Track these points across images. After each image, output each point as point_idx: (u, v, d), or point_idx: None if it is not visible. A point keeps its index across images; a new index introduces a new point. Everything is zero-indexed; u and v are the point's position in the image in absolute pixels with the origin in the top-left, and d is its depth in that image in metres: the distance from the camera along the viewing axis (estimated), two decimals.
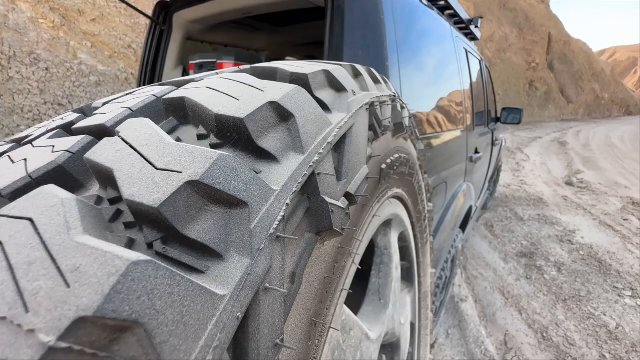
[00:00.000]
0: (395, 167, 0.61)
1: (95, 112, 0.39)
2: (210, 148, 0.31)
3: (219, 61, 1.68)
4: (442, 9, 1.71)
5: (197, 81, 0.41)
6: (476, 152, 2.09)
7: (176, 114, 0.37)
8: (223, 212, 0.27)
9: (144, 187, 0.25)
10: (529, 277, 2.73)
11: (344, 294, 0.45)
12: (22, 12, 5.05)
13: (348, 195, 0.40)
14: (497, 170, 4.04)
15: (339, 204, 0.37)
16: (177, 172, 0.26)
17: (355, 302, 0.68)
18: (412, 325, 0.84)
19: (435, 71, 1.49)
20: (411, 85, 1.16)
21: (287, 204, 0.31)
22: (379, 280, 0.63)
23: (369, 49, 0.97)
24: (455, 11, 1.85)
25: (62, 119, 0.40)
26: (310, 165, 0.34)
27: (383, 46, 0.98)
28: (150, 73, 1.78)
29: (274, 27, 2.37)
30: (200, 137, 0.34)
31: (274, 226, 0.29)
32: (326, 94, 0.42)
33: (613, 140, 11.56)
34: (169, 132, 0.35)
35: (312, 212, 0.34)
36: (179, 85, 0.42)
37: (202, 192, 0.26)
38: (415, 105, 1.21)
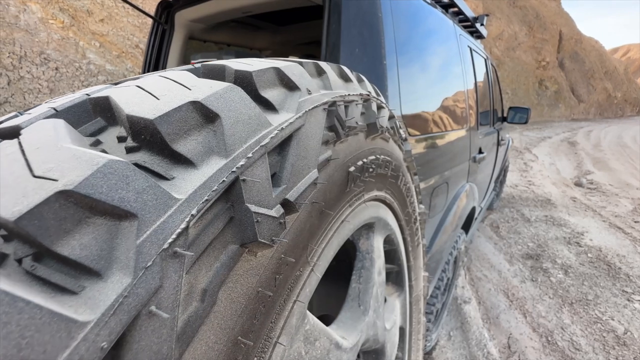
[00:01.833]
0: (370, 170, 0.59)
1: (25, 112, 0.38)
2: (126, 151, 0.30)
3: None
4: (445, 7, 1.69)
5: (136, 79, 0.39)
6: (480, 152, 2.06)
7: (104, 115, 0.35)
8: (109, 225, 0.25)
9: (10, 198, 0.23)
10: (534, 279, 2.69)
11: (300, 306, 0.43)
12: (33, 12, 5.15)
13: (286, 203, 0.37)
14: (504, 170, 3.98)
15: (271, 212, 0.34)
16: (53, 180, 0.24)
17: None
18: (402, 329, 0.83)
19: (437, 70, 1.47)
20: (410, 84, 1.15)
21: (192, 214, 0.28)
22: (359, 286, 0.61)
23: (365, 47, 0.96)
24: (459, 9, 1.82)
25: None
26: (233, 171, 0.31)
27: (380, 44, 0.97)
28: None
29: (276, 26, 2.37)
30: (121, 140, 0.32)
31: (170, 240, 0.26)
32: (275, 93, 0.40)
33: (625, 140, 11.30)
34: (94, 134, 0.34)
35: (236, 222, 0.32)
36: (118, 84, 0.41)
37: (80, 203, 0.24)
38: (415, 104, 1.20)
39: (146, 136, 0.29)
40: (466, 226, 2.07)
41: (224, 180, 0.30)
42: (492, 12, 18.99)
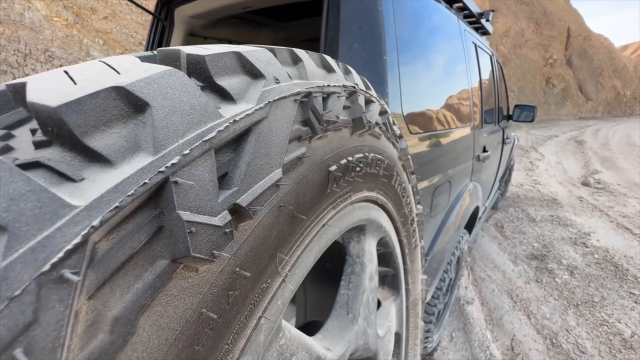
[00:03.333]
0: (357, 169, 0.54)
1: None
2: (35, 147, 0.26)
3: None
4: (449, 2, 1.65)
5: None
6: (484, 150, 2.02)
7: (25, 104, 0.30)
8: None
9: None
10: (539, 280, 2.64)
11: (266, 323, 0.38)
12: (37, 10, 5.18)
13: (237, 209, 0.31)
14: (509, 169, 3.92)
15: (212, 220, 0.28)
16: None
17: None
18: (398, 335, 0.80)
19: (440, 66, 1.43)
20: (412, 80, 1.12)
21: (92, 226, 0.22)
22: (348, 292, 0.57)
23: (365, 42, 0.93)
24: (464, 4, 1.78)
25: None
26: (161, 171, 0.25)
27: (381, 40, 0.94)
28: None
29: (278, 22, 2.35)
30: (34, 132, 0.27)
31: (54, 260, 0.20)
32: (234, 81, 0.35)
33: (634, 139, 11.10)
34: (11, 127, 0.30)
35: (166, 232, 0.26)
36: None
37: None
38: (417, 101, 1.17)
39: (54, 128, 0.24)
40: (469, 226, 2.03)
41: (145, 183, 0.25)
42: (498, 9, 18.76)
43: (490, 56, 2.50)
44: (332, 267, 0.66)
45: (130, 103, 0.27)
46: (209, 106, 0.31)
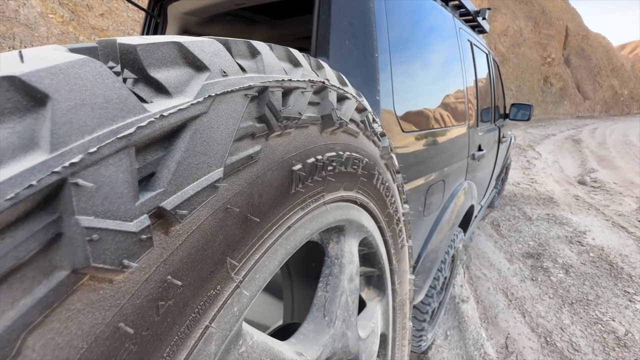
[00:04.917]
0: (329, 168, 0.52)
1: None
2: None
3: None
4: (445, 0, 1.64)
5: None
6: (480, 149, 2.02)
7: None
8: None
9: None
10: (534, 278, 2.65)
11: (218, 331, 0.36)
12: (33, 7, 5.13)
13: (161, 213, 0.28)
14: (505, 168, 3.93)
15: (124, 226, 0.26)
16: None
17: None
18: (384, 336, 0.79)
19: (434, 64, 1.43)
20: (404, 78, 1.11)
21: None
22: (326, 294, 0.56)
23: (356, 39, 0.93)
24: (460, 2, 1.77)
25: None
26: (56, 171, 0.23)
27: (372, 36, 0.93)
28: None
29: (273, 19, 2.33)
30: None
31: None
32: (172, 74, 0.32)
33: (631, 139, 11.15)
34: None
35: (66, 240, 0.24)
36: None
37: None
38: (409, 99, 1.16)
39: None
40: (464, 225, 2.04)
41: (32, 185, 0.22)
42: (497, 8, 18.77)
43: (487, 54, 2.50)
44: (318, 267, 0.65)
45: (27, 95, 0.24)
46: (130, 100, 0.27)
